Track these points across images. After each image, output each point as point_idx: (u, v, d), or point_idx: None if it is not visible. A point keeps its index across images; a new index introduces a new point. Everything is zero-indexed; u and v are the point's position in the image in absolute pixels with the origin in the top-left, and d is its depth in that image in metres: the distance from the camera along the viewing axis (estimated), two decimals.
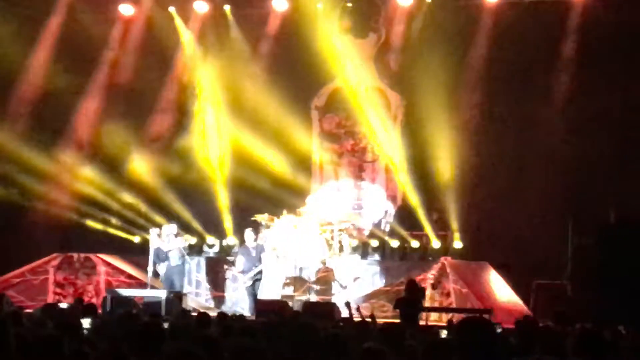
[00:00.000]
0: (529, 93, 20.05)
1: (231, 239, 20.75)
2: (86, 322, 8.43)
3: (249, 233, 18.70)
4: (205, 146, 21.75)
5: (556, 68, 19.97)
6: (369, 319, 10.73)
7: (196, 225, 21.09)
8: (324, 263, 18.93)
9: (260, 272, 18.32)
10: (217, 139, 21.77)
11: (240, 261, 18.48)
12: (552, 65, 20.00)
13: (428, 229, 20.10)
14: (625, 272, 16.69)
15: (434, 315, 17.05)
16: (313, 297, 18.43)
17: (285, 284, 18.79)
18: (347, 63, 21.79)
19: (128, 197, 21.42)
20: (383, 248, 20.31)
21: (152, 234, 18.68)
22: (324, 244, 19.53)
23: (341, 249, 19.79)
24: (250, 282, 18.30)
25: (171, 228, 18.66)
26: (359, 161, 22.22)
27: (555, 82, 19.91)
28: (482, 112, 19.83)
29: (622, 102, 19.80)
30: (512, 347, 6.80)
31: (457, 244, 19.81)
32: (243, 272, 18.38)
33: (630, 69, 19.69)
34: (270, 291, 18.68)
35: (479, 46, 20.57)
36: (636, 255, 16.82)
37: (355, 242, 20.19)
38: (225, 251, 20.77)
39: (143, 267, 18.67)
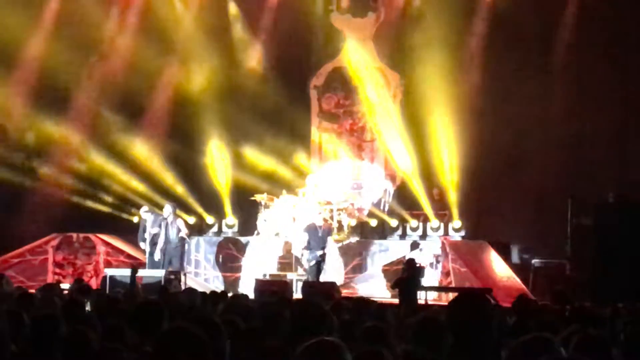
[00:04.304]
0: (528, 71, 20.00)
1: (230, 219, 20.70)
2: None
3: (317, 215, 18.53)
4: (204, 126, 21.63)
5: (556, 45, 19.93)
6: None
7: (195, 205, 21.03)
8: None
9: (324, 255, 17.84)
10: (216, 119, 21.64)
11: (305, 238, 18.18)
12: (551, 42, 19.96)
13: (427, 208, 20.10)
14: (624, 252, 16.75)
15: (433, 295, 17.10)
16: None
17: (284, 264, 18.79)
18: (346, 42, 21.77)
19: (128, 177, 21.36)
20: (382, 227, 20.32)
21: (143, 213, 18.53)
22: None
23: (340, 228, 19.78)
24: (314, 262, 17.89)
25: (168, 208, 18.49)
26: (358, 141, 22.20)
27: (554, 60, 19.88)
28: (481, 90, 19.78)
29: (622, 81, 19.78)
30: (508, 326, 6.82)
31: (457, 223, 19.81)
32: (308, 248, 17.92)
33: (630, 46, 19.66)
34: (270, 271, 18.73)
35: (478, 24, 20.54)
36: (634, 235, 16.89)
37: (354, 222, 20.20)
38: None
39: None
